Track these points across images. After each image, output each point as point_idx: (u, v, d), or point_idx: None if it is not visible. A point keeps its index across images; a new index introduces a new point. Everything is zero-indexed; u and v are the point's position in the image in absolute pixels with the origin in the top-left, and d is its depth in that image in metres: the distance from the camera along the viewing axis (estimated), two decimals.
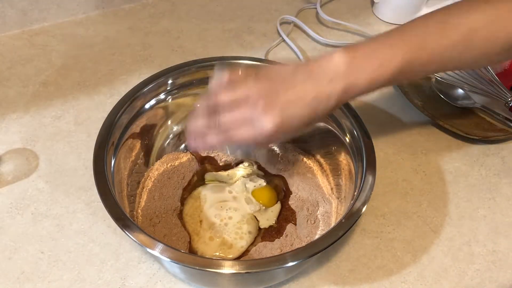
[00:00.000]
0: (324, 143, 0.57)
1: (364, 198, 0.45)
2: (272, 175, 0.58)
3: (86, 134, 0.62)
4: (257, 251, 0.50)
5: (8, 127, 0.63)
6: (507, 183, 0.61)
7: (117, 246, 0.51)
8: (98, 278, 0.49)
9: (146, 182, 0.54)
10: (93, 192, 0.55)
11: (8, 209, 0.54)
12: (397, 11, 0.85)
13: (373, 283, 0.50)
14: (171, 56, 0.75)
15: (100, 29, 0.79)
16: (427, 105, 0.68)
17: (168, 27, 0.81)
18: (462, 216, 0.57)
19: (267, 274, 0.44)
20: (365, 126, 0.52)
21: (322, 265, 0.51)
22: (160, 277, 0.49)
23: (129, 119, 0.52)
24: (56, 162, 0.59)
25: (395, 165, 0.62)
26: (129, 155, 0.53)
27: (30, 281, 0.48)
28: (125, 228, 0.41)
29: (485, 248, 0.54)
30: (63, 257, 0.50)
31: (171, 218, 0.52)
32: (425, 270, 0.51)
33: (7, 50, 0.74)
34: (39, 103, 0.66)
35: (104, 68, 0.72)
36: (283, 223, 0.53)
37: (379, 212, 0.56)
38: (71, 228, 0.53)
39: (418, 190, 0.59)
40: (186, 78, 0.57)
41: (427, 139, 0.66)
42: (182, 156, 0.58)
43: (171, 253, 0.40)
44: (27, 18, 0.77)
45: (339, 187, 0.54)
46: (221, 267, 0.39)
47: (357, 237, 0.54)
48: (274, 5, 0.88)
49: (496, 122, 0.67)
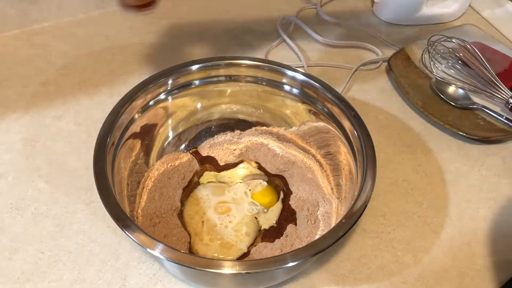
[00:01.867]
0: (324, 143, 0.57)
1: (365, 198, 0.45)
2: (272, 175, 0.58)
3: (86, 134, 0.62)
4: (257, 251, 0.50)
5: (8, 127, 0.63)
6: (507, 183, 0.61)
7: (117, 246, 0.51)
8: (98, 278, 0.49)
9: (146, 182, 0.54)
10: (93, 192, 0.55)
11: (8, 209, 0.54)
12: (398, 11, 0.85)
13: (373, 283, 0.50)
14: (171, 56, 0.75)
15: (100, 29, 0.79)
16: (427, 105, 0.68)
17: (168, 27, 0.81)
18: (463, 216, 0.57)
19: (267, 274, 0.44)
20: (365, 126, 0.52)
21: (322, 265, 0.51)
22: (160, 277, 0.49)
23: (129, 119, 0.52)
24: (56, 162, 0.59)
25: (395, 165, 0.62)
26: (129, 155, 0.53)
27: (30, 281, 0.48)
28: (125, 228, 0.41)
29: (485, 248, 0.54)
30: (63, 257, 0.50)
31: (171, 218, 0.52)
32: (426, 271, 0.51)
33: (7, 50, 0.74)
34: (39, 103, 0.66)
35: (104, 68, 0.72)
36: (283, 223, 0.53)
37: (379, 212, 0.56)
38: (71, 228, 0.53)
39: (418, 190, 0.59)
40: (186, 78, 0.57)
41: (427, 139, 0.66)
42: (183, 156, 0.58)
43: (172, 253, 0.40)
44: (27, 18, 0.76)
45: (339, 187, 0.54)
46: (222, 268, 0.39)
47: (357, 237, 0.54)
48: (274, 5, 0.88)
49: (496, 122, 0.67)
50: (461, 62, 0.75)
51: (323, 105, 0.56)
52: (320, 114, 0.57)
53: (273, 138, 0.61)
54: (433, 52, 0.74)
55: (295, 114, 0.60)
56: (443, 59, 0.75)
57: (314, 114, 0.58)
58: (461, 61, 0.75)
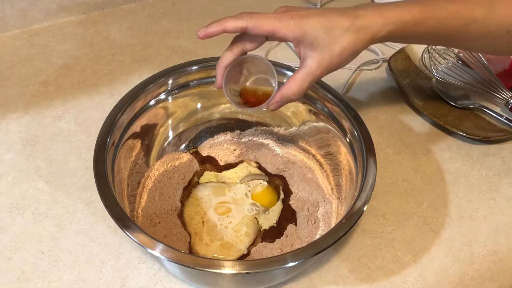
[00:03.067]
0: (324, 143, 0.57)
1: (365, 198, 0.45)
2: (272, 175, 0.58)
3: (86, 134, 0.62)
4: (257, 251, 0.50)
5: (8, 127, 0.63)
6: (507, 183, 0.61)
7: (117, 246, 0.51)
8: (98, 278, 0.49)
9: (147, 182, 0.54)
10: (93, 192, 0.55)
11: (8, 209, 0.54)
12: None
13: (374, 283, 0.50)
14: (171, 56, 0.75)
15: (100, 29, 0.79)
16: (427, 105, 0.68)
17: (168, 27, 0.81)
18: (463, 216, 0.57)
19: (267, 275, 0.44)
20: (365, 126, 0.52)
21: (322, 265, 0.51)
22: (160, 277, 0.49)
23: (129, 119, 0.52)
24: (56, 162, 0.59)
25: (395, 165, 0.62)
26: (129, 155, 0.53)
27: (30, 281, 0.48)
28: (126, 228, 0.41)
29: (485, 248, 0.54)
30: (63, 257, 0.50)
31: (172, 218, 0.52)
32: (426, 270, 0.51)
33: (7, 50, 0.74)
34: (39, 103, 0.66)
35: (104, 68, 0.72)
36: (283, 223, 0.53)
37: (379, 212, 0.56)
38: (71, 228, 0.52)
39: (419, 190, 0.59)
40: (187, 78, 0.57)
41: (427, 139, 0.66)
42: (183, 156, 0.58)
43: (172, 253, 0.40)
44: (27, 18, 0.77)
45: (339, 187, 0.54)
46: (222, 268, 0.39)
47: (358, 237, 0.54)
48: (274, 5, 0.88)
49: (496, 122, 0.67)
50: (461, 62, 0.75)
51: (323, 105, 0.56)
52: (320, 114, 0.57)
53: (273, 138, 0.61)
54: (433, 52, 0.74)
55: (295, 114, 0.60)
56: (443, 59, 0.75)
57: (314, 114, 0.58)
58: (461, 61, 0.75)
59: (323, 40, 0.42)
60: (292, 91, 0.44)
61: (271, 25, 0.41)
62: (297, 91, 0.44)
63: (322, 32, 0.41)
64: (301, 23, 0.41)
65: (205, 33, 0.41)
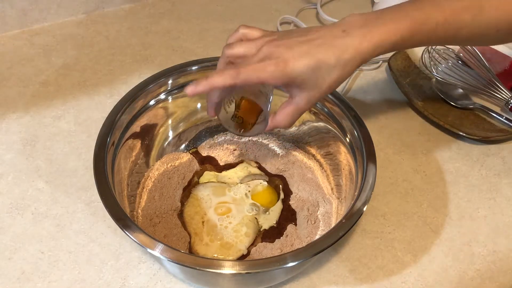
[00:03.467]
0: (324, 143, 0.57)
1: (365, 198, 0.45)
2: (272, 175, 0.58)
3: (86, 134, 0.62)
4: (257, 251, 0.50)
5: (8, 127, 0.63)
6: (507, 183, 0.61)
7: (117, 246, 0.51)
8: (98, 278, 0.49)
9: (146, 182, 0.54)
10: (93, 192, 0.55)
11: (8, 209, 0.54)
12: None
13: (373, 283, 0.50)
14: (171, 56, 0.75)
15: (100, 29, 0.79)
16: (427, 105, 0.68)
17: (168, 27, 0.81)
18: (463, 216, 0.57)
19: (267, 275, 0.44)
20: (365, 126, 0.52)
21: (322, 265, 0.51)
22: (160, 277, 0.49)
23: (129, 119, 0.52)
24: (56, 162, 0.59)
25: (395, 165, 0.62)
26: (129, 155, 0.53)
27: (30, 281, 0.48)
28: (126, 228, 0.41)
29: (485, 248, 0.54)
30: (63, 257, 0.50)
31: (171, 218, 0.52)
32: (426, 271, 0.51)
33: (7, 50, 0.74)
34: (39, 103, 0.66)
35: (104, 68, 0.72)
36: (283, 223, 0.53)
37: (379, 212, 0.56)
38: (71, 228, 0.52)
39: (419, 190, 0.59)
40: (187, 78, 0.57)
41: (427, 139, 0.66)
42: (183, 156, 0.58)
43: (172, 253, 0.40)
44: (27, 18, 0.77)
45: (339, 187, 0.54)
46: (222, 268, 0.39)
47: (358, 237, 0.54)
48: (274, 5, 0.88)
49: (496, 122, 0.67)
50: (461, 62, 0.75)
51: (323, 105, 0.56)
52: (320, 114, 0.57)
53: (273, 138, 0.61)
54: (433, 52, 0.74)
55: None
56: (443, 59, 0.75)
57: (314, 114, 0.58)
58: (461, 61, 0.75)
59: (310, 81, 0.42)
60: (283, 123, 0.46)
61: (258, 78, 0.41)
62: (288, 123, 0.46)
63: (310, 74, 0.42)
64: (287, 70, 0.41)
65: (194, 92, 0.42)
